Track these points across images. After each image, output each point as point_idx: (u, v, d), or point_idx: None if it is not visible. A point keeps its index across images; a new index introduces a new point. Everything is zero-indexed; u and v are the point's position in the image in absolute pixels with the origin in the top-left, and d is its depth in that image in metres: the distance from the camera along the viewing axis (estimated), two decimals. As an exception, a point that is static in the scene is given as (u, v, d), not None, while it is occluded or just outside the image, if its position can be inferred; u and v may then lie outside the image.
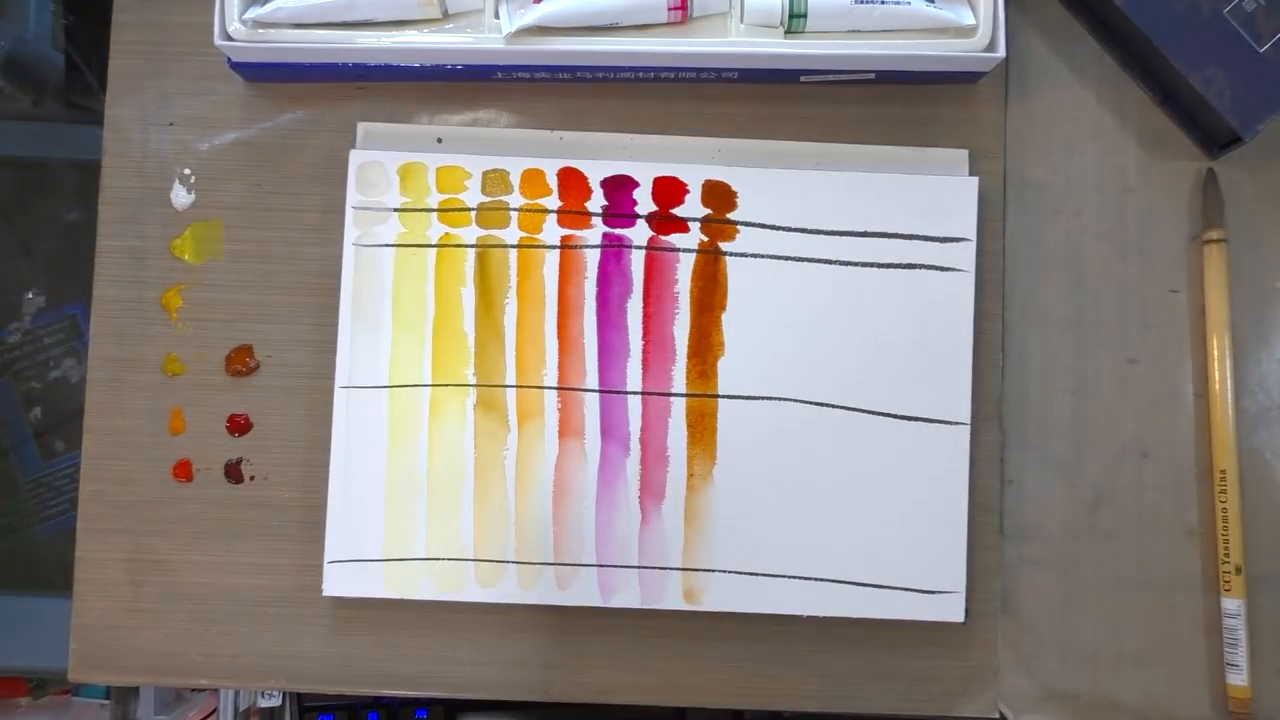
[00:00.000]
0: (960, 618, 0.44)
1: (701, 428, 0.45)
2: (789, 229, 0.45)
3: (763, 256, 0.45)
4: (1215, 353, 0.45)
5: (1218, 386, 0.45)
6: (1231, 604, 0.44)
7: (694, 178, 0.45)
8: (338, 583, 0.44)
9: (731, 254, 0.45)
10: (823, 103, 0.46)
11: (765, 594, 0.44)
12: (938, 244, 0.45)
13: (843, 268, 0.45)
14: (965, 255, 0.45)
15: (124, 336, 0.46)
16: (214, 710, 0.63)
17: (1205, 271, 0.46)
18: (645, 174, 0.45)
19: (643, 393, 0.45)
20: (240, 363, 0.46)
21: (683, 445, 0.45)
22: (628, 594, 0.44)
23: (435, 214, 0.45)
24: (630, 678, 0.46)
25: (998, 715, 0.45)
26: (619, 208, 0.45)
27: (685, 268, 0.45)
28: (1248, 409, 0.46)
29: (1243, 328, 0.46)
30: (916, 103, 0.46)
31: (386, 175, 0.45)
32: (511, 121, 0.47)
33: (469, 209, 0.45)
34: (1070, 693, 0.45)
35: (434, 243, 0.45)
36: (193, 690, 0.65)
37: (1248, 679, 0.44)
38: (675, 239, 0.45)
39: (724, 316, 0.45)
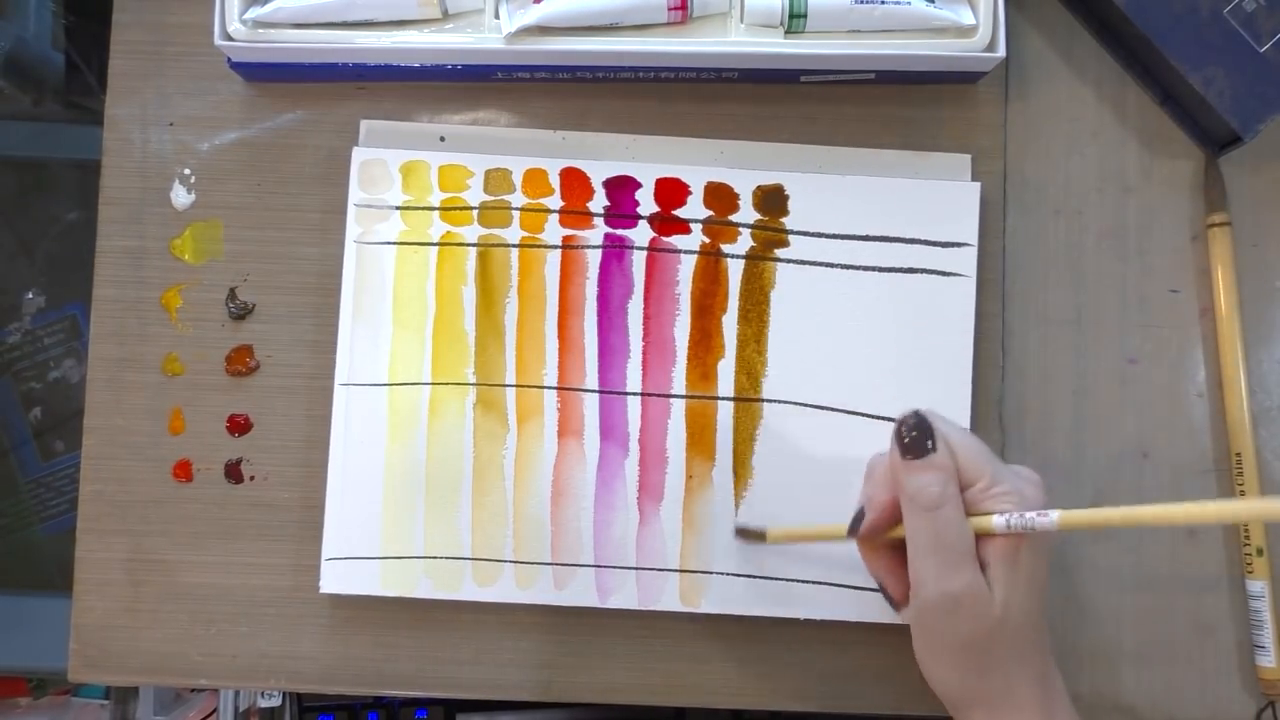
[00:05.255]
0: (960, 618, 0.44)
1: (700, 429, 0.45)
2: (791, 232, 0.45)
3: (764, 259, 0.45)
4: (1227, 336, 0.45)
5: (1230, 371, 0.45)
6: (1255, 585, 0.44)
7: (696, 179, 0.45)
8: (335, 580, 0.44)
9: (733, 256, 0.45)
10: (823, 103, 0.46)
11: (764, 596, 0.44)
12: (939, 249, 0.45)
13: (844, 271, 0.45)
14: (967, 260, 0.45)
15: (124, 336, 0.46)
16: (214, 710, 0.63)
17: (1211, 256, 0.46)
18: (647, 175, 0.45)
19: (642, 394, 0.45)
20: (240, 363, 0.46)
21: (681, 447, 0.44)
22: (625, 595, 0.44)
23: (437, 212, 0.45)
24: (630, 678, 0.46)
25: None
26: (621, 208, 0.45)
27: (686, 269, 0.45)
28: (1248, 408, 0.46)
29: (1243, 327, 0.46)
30: (916, 103, 0.46)
31: (389, 173, 0.45)
32: (511, 122, 0.47)
33: (471, 208, 0.45)
34: (1070, 693, 0.45)
35: (435, 241, 0.45)
36: (192, 690, 0.65)
37: (1275, 659, 0.44)
38: (677, 240, 0.45)
39: (724, 319, 0.45)
